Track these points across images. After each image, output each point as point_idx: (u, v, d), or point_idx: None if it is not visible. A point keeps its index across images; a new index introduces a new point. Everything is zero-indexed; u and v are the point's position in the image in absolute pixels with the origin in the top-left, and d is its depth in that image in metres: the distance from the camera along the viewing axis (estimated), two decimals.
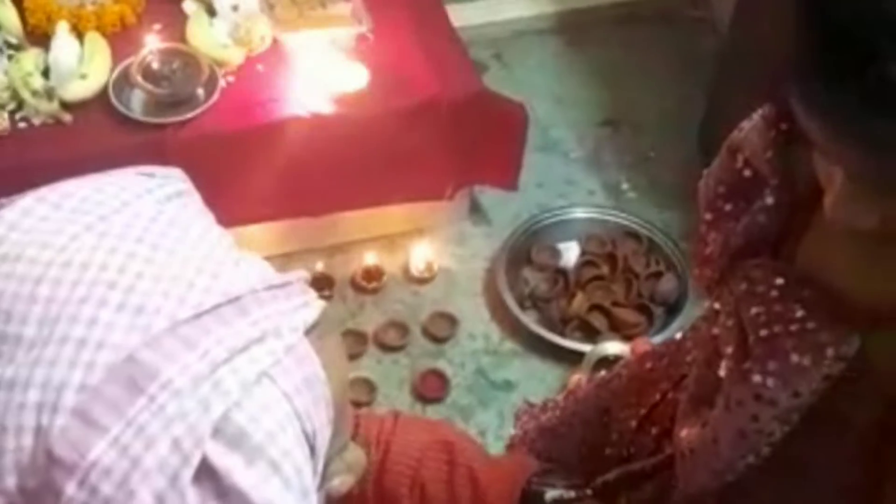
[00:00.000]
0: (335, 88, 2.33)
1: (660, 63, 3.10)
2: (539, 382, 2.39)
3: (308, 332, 0.69)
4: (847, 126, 0.79)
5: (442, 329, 2.49)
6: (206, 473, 0.62)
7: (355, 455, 0.82)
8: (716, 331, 1.06)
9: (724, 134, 1.09)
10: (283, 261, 2.53)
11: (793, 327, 0.95)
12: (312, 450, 0.67)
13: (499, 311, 2.53)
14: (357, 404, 2.32)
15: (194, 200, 0.75)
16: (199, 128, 2.25)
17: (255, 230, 2.46)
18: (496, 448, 2.22)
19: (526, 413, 1.59)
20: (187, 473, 0.61)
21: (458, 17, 2.73)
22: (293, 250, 2.56)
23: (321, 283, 2.51)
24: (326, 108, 2.31)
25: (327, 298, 2.49)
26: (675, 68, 3.08)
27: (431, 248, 2.61)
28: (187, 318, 0.64)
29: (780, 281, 0.98)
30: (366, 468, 1.07)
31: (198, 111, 2.24)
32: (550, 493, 1.13)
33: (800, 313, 0.95)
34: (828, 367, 0.93)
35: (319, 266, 2.54)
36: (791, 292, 0.97)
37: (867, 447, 0.97)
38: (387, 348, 2.45)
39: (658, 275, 2.55)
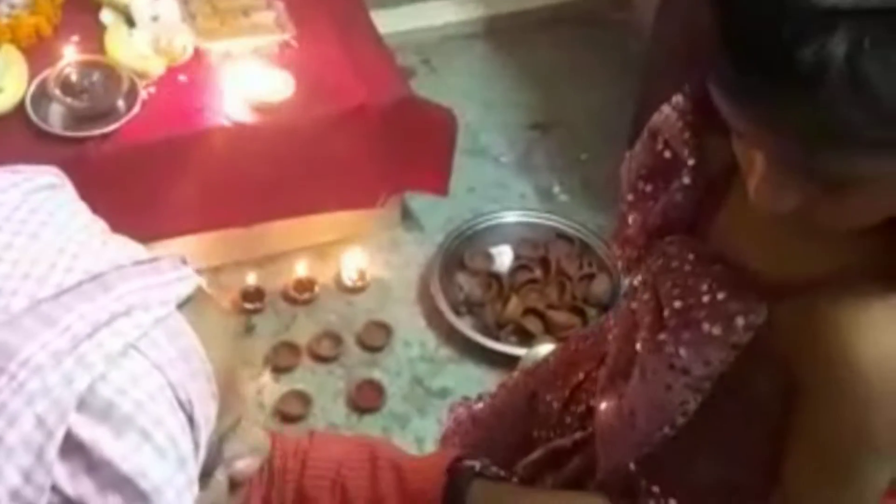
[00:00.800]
0: (260, 97, 2.30)
1: (588, 65, 3.11)
2: (476, 387, 2.35)
3: (182, 306, 0.68)
4: (762, 112, 0.80)
5: (376, 338, 2.46)
6: (74, 447, 0.61)
7: (258, 437, 0.81)
8: (634, 305, 1.09)
9: None
10: (212, 274, 2.49)
11: (705, 299, 0.98)
12: (191, 420, 0.66)
13: (434, 317, 2.51)
14: (292, 417, 2.29)
15: (66, 191, 0.74)
16: (120, 140, 2.20)
17: (182, 243, 2.41)
18: None
19: (460, 405, 1.58)
20: (52, 448, 0.60)
21: (385, 23, 2.71)
22: (222, 263, 2.52)
23: (252, 296, 2.48)
24: (251, 117, 2.28)
25: (259, 311, 2.46)
26: (604, 70, 3.09)
27: (364, 257, 2.58)
28: (47, 297, 0.63)
29: (692, 256, 1.01)
30: (285, 479, 1.04)
31: (119, 124, 2.20)
32: (478, 464, 1.12)
33: (711, 285, 0.98)
34: (737, 336, 0.96)
35: (250, 278, 2.50)
36: (703, 266, 1.00)
37: (773, 417, 0.99)
38: (321, 360, 2.41)
39: (591, 276, 2.54)
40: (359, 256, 2.57)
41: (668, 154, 1.06)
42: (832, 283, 0.92)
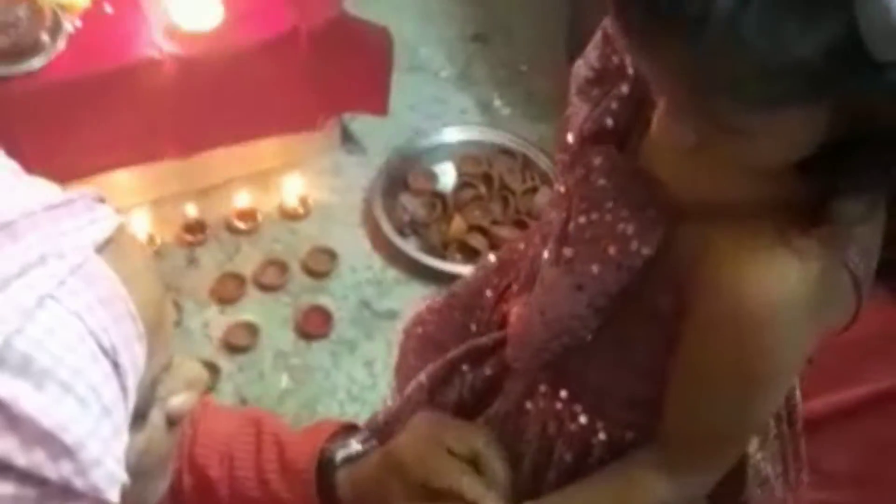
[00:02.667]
0: (189, 27, 2.25)
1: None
2: None
3: (101, 249, 0.66)
4: (652, 52, 0.80)
5: (322, 264, 2.46)
6: None
7: (194, 371, 0.80)
8: (553, 215, 1.08)
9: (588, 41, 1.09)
10: (153, 207, 2.47)
11: (607, 217, 0.99)
12: (116, 366, 0.65)
13: (378, 240, 2.50)
14: (240, 348, 2.30)
15: None
16: (47, 77, 2.15)
17: (120, 177, 2.39)
18: (385, 377, 2.22)
19: (422, 299, 1.60)
20: None
21: None
22: (162, 195, 2.49)
23: (194, 228, 2.46)
24: (181, 47, 2.24)
25: (201, 243, 2.44)
26: None
27: (305, 183, 2.56)
28: None
29: (609, 169, 1.00)
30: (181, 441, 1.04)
31: (45, 60, 2.14)
32: (341, 453, 1.15)
33: (616, 204, 0.98)
34: (630, 259, 0.98)
35: (191, 210, 2.47)
36: (615, 183, 0.99)
37: (672, 333, 1.01)
38: (267, 288, 2.41)
39: (534, 190, 2.54)
40: (300, 182, 2.55)
41: (615, 59, 1.04)
42: (737, 212, 0.92)
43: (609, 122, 1.03)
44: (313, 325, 2.36)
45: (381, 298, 2.43)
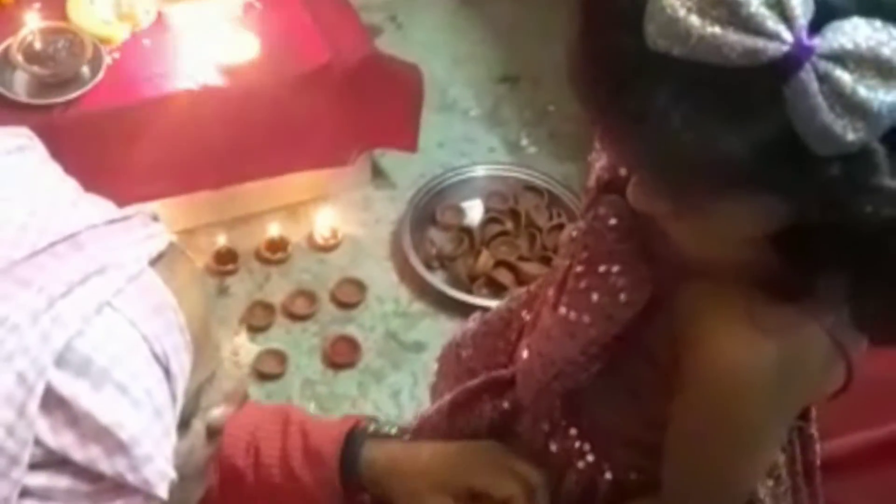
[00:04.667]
0: (225, 59, 2.30)
1: (553, 17, 3.10)
2: None
3: (154, 262, 0.71)
4: (603, 129, 0.86)
5: (350, 295, 2.49)
6: (55, 402, 0.64)
7: (232, 384, 0.85)
8: (559, 260, 1.12)
9: None
10: (185, 236, 2.51)
11: (601, 268, 1.01)
12: (167, 372, 0.69)
13: (406, 273, 2.53)
14: (269, 376, 2.32)
15: (36, 153, 0.77)
16: (86, 107, 2.21)
17: (153, 207, 2.42)
18: (411, 408, 2.24)
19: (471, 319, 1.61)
20: (33, 403, 0.63)
21: None
22: (194, 226, 2.54)
23: (225, 258, 2.50)
24: (217, 80, 2.29)
25: (232, 272, 2.48)
26: (569, 22, 3.09)
27: (335, 215, 2.60)
28: (21, 259, 0.66)
29: (614, 221, 1.02)
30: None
31: (84, 90, 2.20)
32: (371, 427, 1.19)
33: (611, 255, 1.01)
34: (618, 310, 1.00)
35: (223, 240, 2.52)
36: (616, 234, 1.01)
37: (672, 381, 1.01)
38: (296, 318, 2.44)
39: (560, 227, 2.57)
40: (330, 215, 2.59)
41: None
42: (723, 275, 0.93)
43: (623, 170, 1.05)
44: (341, 354, 2.38)
45: (407, 330, 2.46)
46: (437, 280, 2.50)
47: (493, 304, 2.33)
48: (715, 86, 0.75)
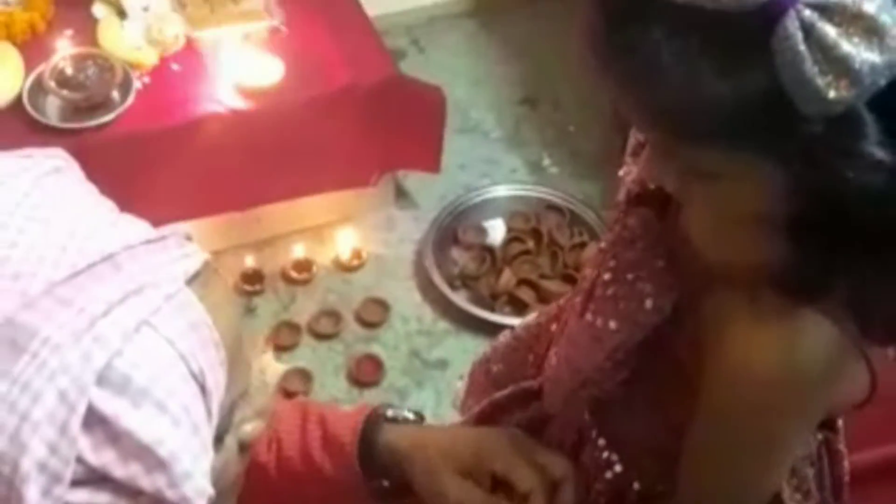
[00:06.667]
0: (251, 83, 2.35)
1: (573, 39, 3.14)
2: (472, 359, 2.40)
3: (190, 281, 0.72)
4: (610, 84, 0.85)
5: (374, 314, 2.52)
6: (96, 420, 0.65)
7: (263, 400, 0.86)
8: (588, 270, 1.13)
9: None
10: (212, 258, 2.50)
11: (629, 276, 1.03)
12: (203, 389, 0.71)
13: (429, 292, 2.56)
14: (295, 394, 2.35)
15: (73, 174, 0.78)
16: (116, 131, 2.25)
17: (181, 228, 2.46)
18: None
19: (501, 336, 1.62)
20: (76, 422, 0.64)
21: (373, 5, 2.75)
22: (221, 247, 2.57)
23: (252, 278, 2.53)
24: (244, 102, 2.33)
25: (258, 293, 2.51)
26: None
27: (359, 236, 2.63)
28: (62, 279, 0.67)
29: (641, 231, 1.04)
30: None
31: (114, 114, 2.25)
32: (390, 412, 1.18)
33: (638, 264, 1.02)
34: (644, 316, 1.01)
35: (249, 261, 2.56)
36: (645, 243, 1.03)
37: (694, 389, 1.02)
38: (321, 337, 2.47)
39: (582, 245, 2.60)
40: (354, 235, 2.63)
41: None
42: (750, 279, 0.94)
43: (652, 184, 1.06)
44: (365, 373, 2.41)
45: (431, 348, 2.49)
46: (459, 299, 2.53)
47: (515, 321, 2.35)
48: (706, 29, 0.77)
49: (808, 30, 0.74)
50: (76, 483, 0.66)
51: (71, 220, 0.71)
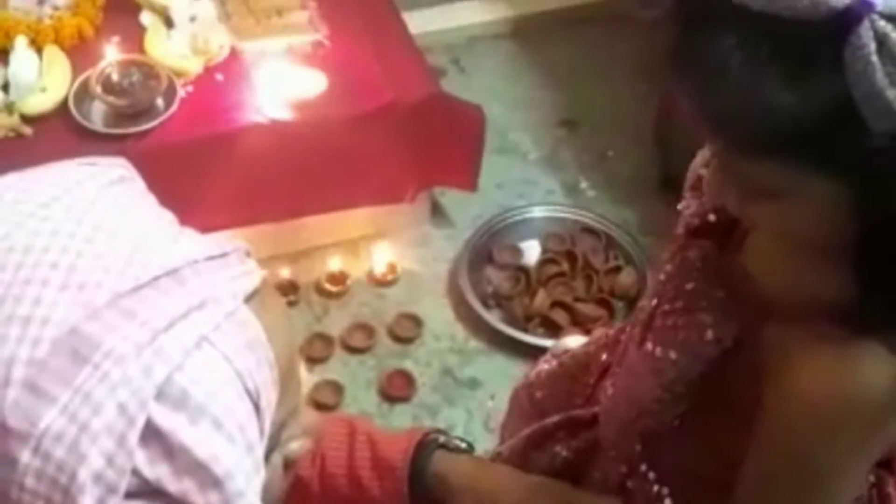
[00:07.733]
0: (293, 95, 2.36)
1: (613, 63, 3.15)
2: (504, 379, 2.41)
3: (248, 299, 0.72)
4: (684, 92, 0.86)
5: (407, 330, 2.52)
6: (153, 434, 0.65)
7: (310, 419, 0.86)
8: (646, 301, 1.13)
9: (678, 131, 1.14)
10: None
11: (690, 306, 1.03)
12: (257, 407, 0.70)
13: (462, 310, 2.56)
14: (325, 407, 2.35)
15: (136, 185, 0.78)
16: (159, 138, 2.27)
17: (218, 238, 2.47)
18: None
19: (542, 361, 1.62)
20: (134, 435, 0.64)
21: (416, 24, 2.77)
22: (257, 258, 2.56)
23: (286, 289, 2.54)
24: (285, 114, 2.35)
25: (292, 304, 2.52)
26: (629, 67, 3.13)
27: (394, 251, 2.64)
28: (127, 291, 0.67)
29: (700, 264, 1.04)
30: None
31: (158, 121, 2.27)
32: (441, 438, 1.19)
33: (698, 296, 1.02)
34: (705, 347, 1.01)
35: (284, 272, 2.56)
36: (705, 275, 1.03)
37: (749, 422, 1.02)
38: (353, 350, 2.47)
39: (617, 269, 2.59)
40: (389, 250, 2.63)
41: None
42: (812, 312, 0.94)
43: (712, 217, 1.07)
44: (396, 388, 2.41)
45: (463, 367, 2.48)
46: (493, 318, 2.52)
47: (548, 343, 2.36)
48: (778, 37, 0.77)
49: (882, 40, 0.74)
50: (130, 495, 0.65)
51: (136, 231, 0.71)
